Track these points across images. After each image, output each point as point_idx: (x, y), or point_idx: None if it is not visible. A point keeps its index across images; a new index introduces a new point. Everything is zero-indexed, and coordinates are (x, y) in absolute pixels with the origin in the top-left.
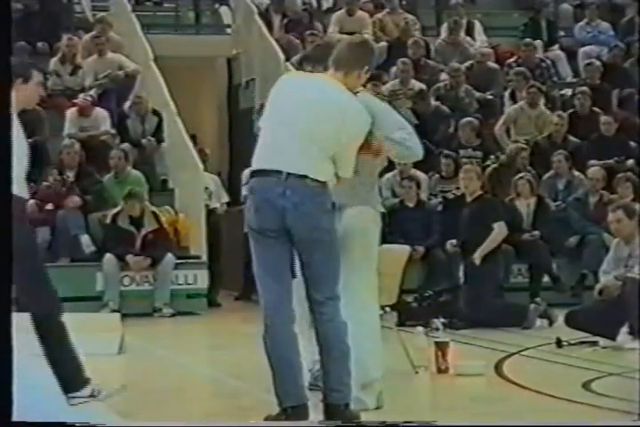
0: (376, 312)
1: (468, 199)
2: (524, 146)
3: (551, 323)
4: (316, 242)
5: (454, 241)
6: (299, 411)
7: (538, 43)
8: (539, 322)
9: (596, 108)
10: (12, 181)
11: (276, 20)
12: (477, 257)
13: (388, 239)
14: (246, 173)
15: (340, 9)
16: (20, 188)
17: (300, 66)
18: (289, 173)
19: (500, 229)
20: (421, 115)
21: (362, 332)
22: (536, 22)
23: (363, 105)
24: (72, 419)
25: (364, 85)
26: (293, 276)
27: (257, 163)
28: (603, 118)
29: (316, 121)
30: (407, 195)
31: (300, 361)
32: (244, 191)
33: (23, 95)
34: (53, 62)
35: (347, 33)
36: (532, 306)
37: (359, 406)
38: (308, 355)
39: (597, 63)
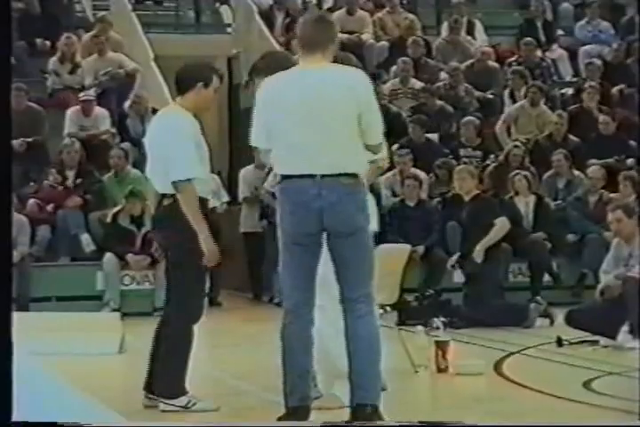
0: None
1: (466, 199)
2: (518, 143)
3: (552, 322)
4: (352, 241)
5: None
6: (300, 412)
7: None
8: (539, 321)
9: (599, 107)
10: (12, 181)
11: (279, 18)
12: (479, 251)
13: (388, 238)
14: (244, 173)
15: (341, 8)
16: None
17: (249, 78)
18: (323, 175)
19: (501, 224)
20: (426, 112)
21: (332, 327)
22: (532, 22)
23: None
24: (72, 419)
25: None
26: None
27: (286, 168)
28: (601, 118)
29: (328, 109)
30: (409, 194)
31: (311, 364)
32: (242, 193)
33: None
34: (52, 62)
35: (347, 32)
36: (533, 305)
37: (334, 403)
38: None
39: (598, 62)
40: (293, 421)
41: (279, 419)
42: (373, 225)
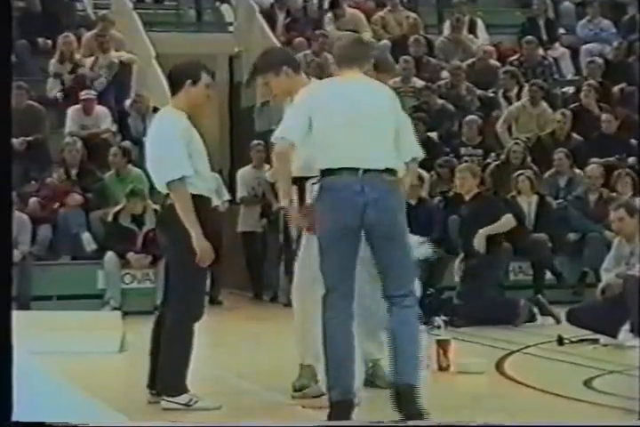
0: None
1: (466, 198)
2: (518, 141)
3: (558, 321)
4: (395, 238)
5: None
6: (342, 406)
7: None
8: (540, 319)
9: (599, 105)
10: (12, 181)
11: (280, 17)
12: (480, 237)
13: None
14: (242, 173)
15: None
16: None
17: (251, 77)
18: (366, 170)
19: (507, 220)
20: (428, 111)
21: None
22: (533, 21)
23: None
24: (72, 419)
25: None
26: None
27: (329, 162)
28: (603, 116)
29: (370, 111)
30: (411, 193)
31: (353, 358)
32: (239, 193)
33: None
34: (52, 64)
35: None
36: (522, 302)
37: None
38: (362, 355)
39: (599, 61)
40: (336, 416)
41: (328, 417)
42: None
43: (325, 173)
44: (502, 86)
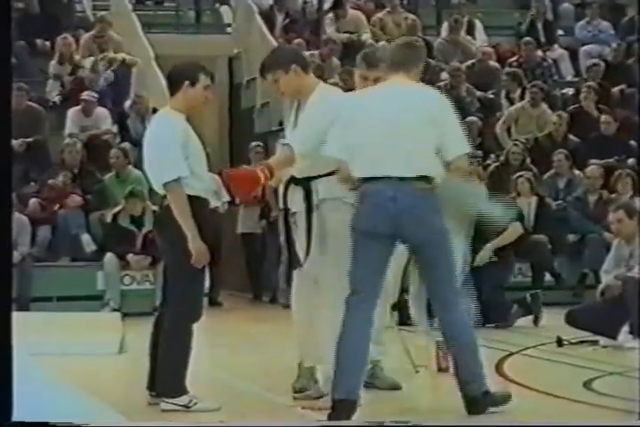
0: None
1: None
2: (517, 142)
3: (536, 320)
4: (431, 244)
5: None
6: (344, 405)
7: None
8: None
9: (599, 107)
10: (12, 181)
11: (279, 19)
12: (485, 252)
13: None
14: None
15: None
16: None
17: (261, 74)
18: (400, 178)
19: (514, 229)
20: None
21: (335, 328)
22: (532, 22)
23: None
24: (72, 419)
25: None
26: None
27: (364, 170)
28: (603, 118)
29: (406, 118)
30: None
31: (364, 361)
32: None
33: None
34: (52, 65)
35: (345, 32)
36: (515, 308)
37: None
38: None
39: (601, 64)
40: (337, 415)
41: (328, 416)
42: None
43: (363, 181)
44: (504, 88)
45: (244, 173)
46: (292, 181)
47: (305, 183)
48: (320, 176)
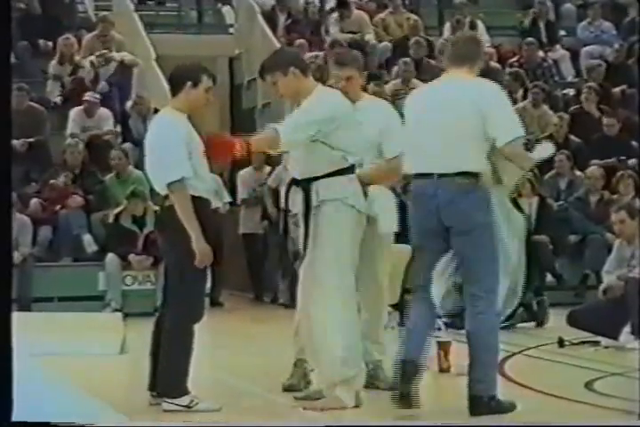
0: (349, 310)
1: None
2: None
3: (540, 324)
4: (471, 238)
5: None
6: (408, 366)
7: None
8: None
9: (600, 107)
10: (11, 182)
11: (281, 19)
12: None
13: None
14: (243, 175)
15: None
16: None
17: (260, 76)
18: (441, 174)
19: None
20: None
21: (335, 328)
22: (534, 23)
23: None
24: (72, 419)
25: (366, 86)
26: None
27: (411, 167)
28: (607, 120)
29: (449, 115)
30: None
31: (420, 353)
32: (240, 194)
33: None
34: (52, 66)
35: (348, 33)
36: (520, 310)
37: (337, 404)
38: (363, 355)
39: (603, 65)
40: (400, 406)
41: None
42: (392, 225)
43: (412, 177)
44: (506, 88)
45: (222, 139)
46: (293, 182)
47: (305, 185)
48: (320, 177)
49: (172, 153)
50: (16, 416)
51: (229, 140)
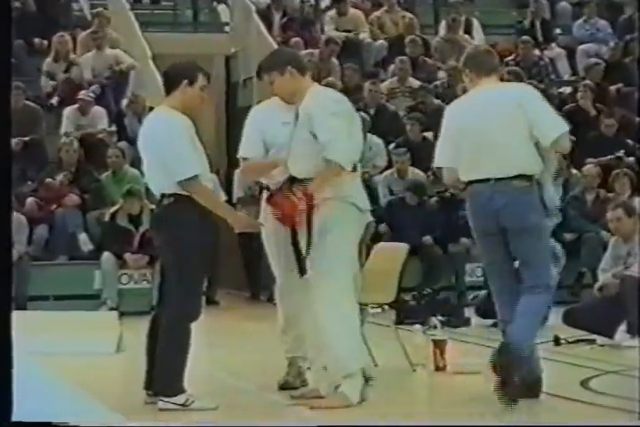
0: (351, 307)
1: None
2: None
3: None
4: (525, 237)
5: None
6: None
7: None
8: None
9: (596, 105)
10: (12, 181)
11: (277, 18)
12: None
13: (386, 237)
14: (239, 172)
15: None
16: None
17: (257, 76)
18: (497, 179)
19: None
20: (424, 111)
21: (337, 326)
22: (530, 21)
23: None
24: (70, 419)
25: (362, 85)
26: (303, 272)
27: (468, 174)
28: (605, 121)
29: (499, 120)
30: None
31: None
32: (236, 193)
33: None
34: (47, 63)
35: (344, 31)
36: None
37: (342, 401)
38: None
39: (601, 64)
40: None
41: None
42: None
43: (467, 183)
44: None
45: (285, 201)
46: (293, 180)
47: (305, 183)
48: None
49: (182, 150)
50: (16, 416)
51: (292, 201)
